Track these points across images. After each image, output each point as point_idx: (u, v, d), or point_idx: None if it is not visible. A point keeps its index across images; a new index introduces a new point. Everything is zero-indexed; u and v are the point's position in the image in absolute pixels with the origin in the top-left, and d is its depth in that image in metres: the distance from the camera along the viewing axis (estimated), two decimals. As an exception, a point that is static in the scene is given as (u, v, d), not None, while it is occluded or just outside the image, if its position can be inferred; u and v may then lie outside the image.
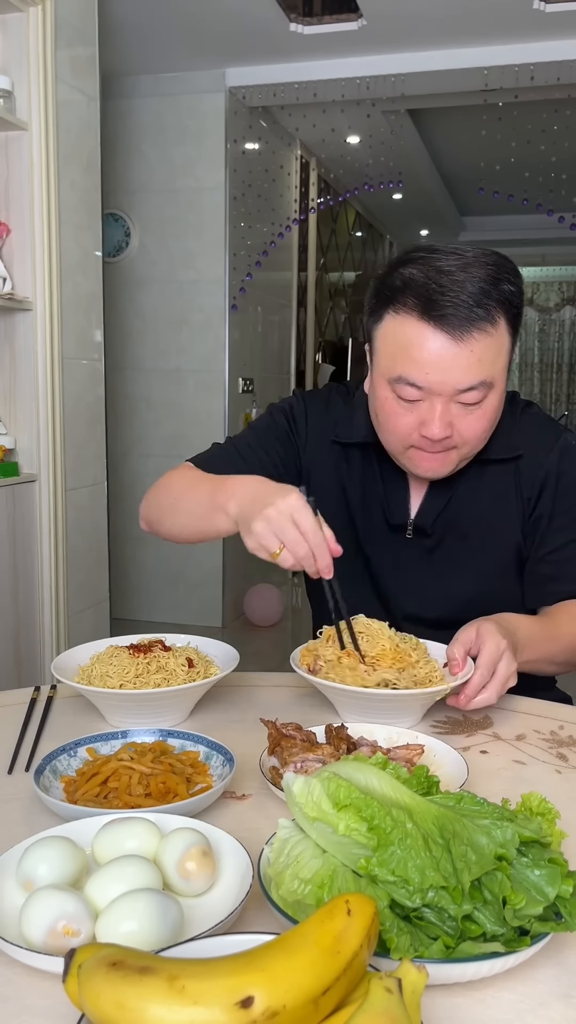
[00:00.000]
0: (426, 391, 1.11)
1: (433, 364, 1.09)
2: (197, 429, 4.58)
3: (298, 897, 0.61)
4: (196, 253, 4.52)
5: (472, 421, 1.14)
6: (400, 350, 1.12)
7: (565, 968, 0.63)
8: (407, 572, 1.30)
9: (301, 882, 0.62)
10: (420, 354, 1.10)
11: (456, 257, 1.10)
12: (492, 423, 1.18)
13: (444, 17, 3.73)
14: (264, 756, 0.92)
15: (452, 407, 1.13)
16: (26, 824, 0.83)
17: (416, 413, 1.14)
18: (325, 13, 3.86)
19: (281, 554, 1.02)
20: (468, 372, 1.09)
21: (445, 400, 1.12)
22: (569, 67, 4.00)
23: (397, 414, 1.16)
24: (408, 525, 1.29)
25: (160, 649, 1.09)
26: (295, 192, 5.47)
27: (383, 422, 1.19)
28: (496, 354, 1.11)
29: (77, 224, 2.85)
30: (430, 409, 1.12)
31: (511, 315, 1.12)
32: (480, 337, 1.08)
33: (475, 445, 1.19)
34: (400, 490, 1.29)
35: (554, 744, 1.04)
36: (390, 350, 1.14)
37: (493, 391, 1.13)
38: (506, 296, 1.10)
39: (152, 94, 4.46)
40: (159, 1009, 0.46)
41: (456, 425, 1.14)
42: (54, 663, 1.08)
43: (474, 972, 0.59)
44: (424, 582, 1.29)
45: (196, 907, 0.68)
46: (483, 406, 1.14)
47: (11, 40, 2.59)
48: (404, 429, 1.16)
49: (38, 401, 2.71)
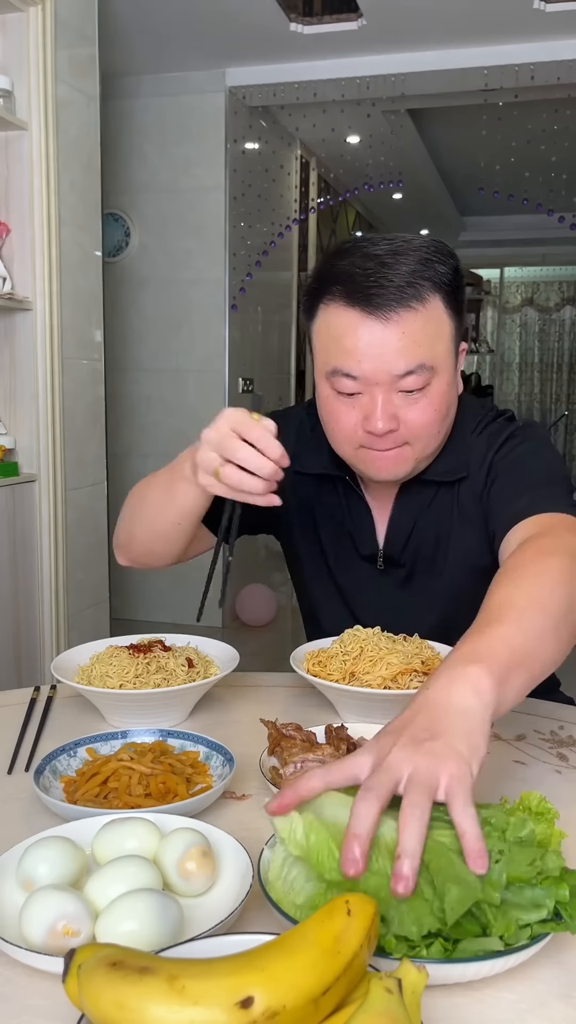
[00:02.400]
0: (362, 381, 1.06)
1: (365, 351, 1.04)
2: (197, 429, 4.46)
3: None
4: (196, 253, 4.52)
5: (418, 411, 1.07)
6: (332, 341, 1.07)
7: (565, 968, 0.63)
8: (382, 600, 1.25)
9: (296, 908, 0.62)
10: (351, 342, 1.04)
11: (386, 243, 1.05)
12: (442, 414, 1.10)
13: (444, 17, 3.74)
14: (264, 756, 0.92)
15: (394, 397, 1.06)
16: (26, 824, 0.83)
17: (358, 408, 1.08)
18: (325, 13, 3.86)
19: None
20: (402, 356, 1.04)
21: (384, 389, 1.06)
22: (569, 67, 4.00)
23: (339, 411, 1.10)
24: (378, 555, 1.24)
25: (160, 649, 1.09)
26: (295, 192, 5.47)
27: (327, 423, 1.14)
28: (434, 336, 1.05)
29: (77, 224, 2.85)
30: (371, 401, 1.06)
31: (447, 295, 1.06)
32: (411, 317, 1.03)
33: (427, 439, 1.11)
34: (365, 520, 1.24)
35: (554, 744, 1.04)
36: (323, 344, 1.09)
37: (437, 377, 1.07)
38: (439, 275, 1.05)
39: (152, 94, 4.46)
40: (159, 1009, 0.46)
41: (401, 417, 1.07)
42: (54, 663, 1.08)
43: (474, 972, 0.59)
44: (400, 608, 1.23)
45: (196, 907, 0.68)
46: (428, 394, 1.07)
47: (11, 40, 2.59)
48: (348, 428, 1.10)
49: (38, 401, 2.71)
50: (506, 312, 10.00)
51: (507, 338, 10.08)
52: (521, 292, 9.99)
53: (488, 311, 9.98)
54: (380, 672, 1.03)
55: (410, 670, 1.03)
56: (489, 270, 9.64)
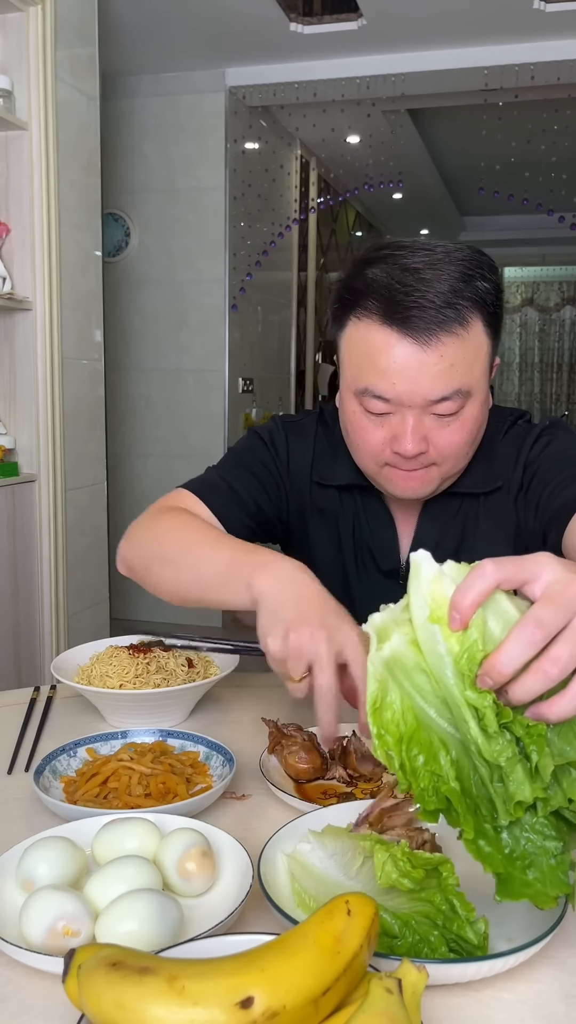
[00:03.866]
0: (394, 403, 1.00)
1: (399, 373, 0.98)
2: (197, 429, 4.58)
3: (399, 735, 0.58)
4: (196, 253, 4.52)
5: (449, 434, 1.03)
6: (364, 359, 1.01)
7: (565, 968, 0.63)
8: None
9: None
10: (385, 363, 0.99)
11: (425, 253, 0.99)
12: (473, 435, 1.06)
13: (444, 17, 3.74)
14: (264, 756, 0.92)
15: (425, 419, 1.01)
16: (26, 824, 0.83)
17: (387, 427, 1.03)
18: (325, 13, 3.86)
19: (301, 683, 0.85)
20: (439, 381, 0.98)
21: (417, 412, 1.00)
22: (569, 67, 4.00)
23: (366, 429, 1.04)
24: (400, 570, 1.18)
25: (160, 649, 1.09)
26: (295, 192, 5.47)
27: (353, 438, 1.08)
28: (472, 360, 1.01)
29: (77, 224, 2.85)
30: (401, 423, 1.01)
31: (488, 315, 1.02)
32: (450, 341, 0.97)
33: (456, 461, 1.07)
34: (388, 533, 1.19)
35: (554, 744, 1.03)
36: (354, 360, 1.03)
37: (472, 400, 1.02)
38: (480, 294, 1.00)
39: (152, 94, 4.46)
40: (159, 1009, 0.46)
41: (432, 439, 1.02)
42: (54, 663, 1.08)
43: (474, 972, 0.59)
44: None
45: (196, 907, 0.68)
46: (460, 417, 1.02)
47: (11, 40, 2.59)
48: (375, 446, 1.05)
49: (38, 401, 2.71)
50: (506, 312, 9.89)
51: (507, 338, 10.07)
52: (521, 292, 9.99)
53: (488, 311, 9.97)
54: None
55: None
56: (489, 270, 9.63)
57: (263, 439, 1.24)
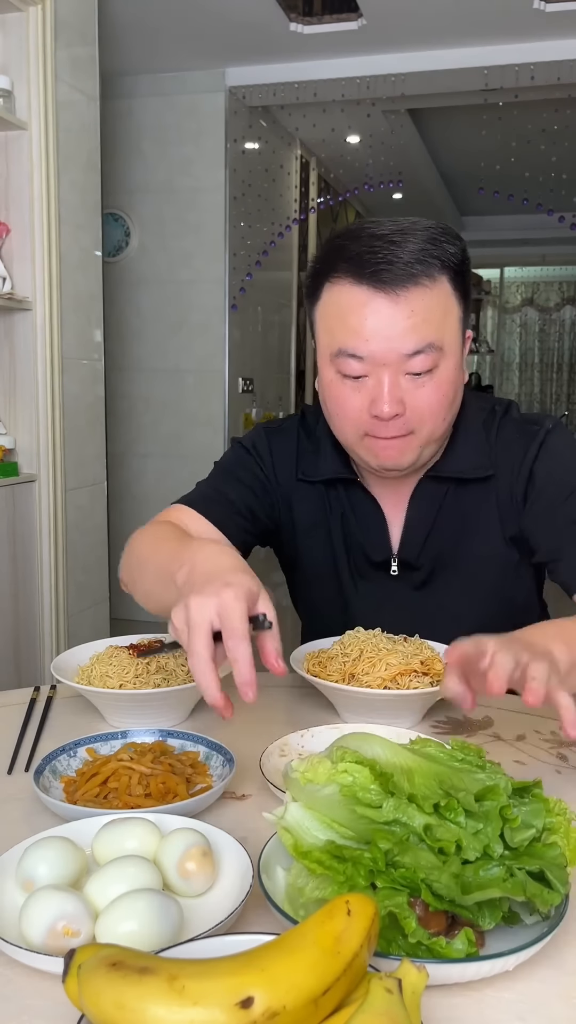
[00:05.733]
0: (369, 361, 1.03)
1: (373, 329, 1.01)
2: (197, 429, 4.58)
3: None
4: (196, 253, 4.52)
5: (425, 395, 1.05)
6: (337, 321, 1.04)
7: (565, 968, 0.63)
8: (395, 611, 1.18)
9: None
10: (357, 320, 1.02)
11: (392, 224, 1.03)
12: (449, 399, 1.07)
13: (444, 17, 3.74)
14: (264, 756, 0.92)
15: (401, 380, 1.03)
16: (26, 824, 0.83)
17: (364, 392, 1.05)
18: (325, 13, 3.86)
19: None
20: (411, 334, 1.01)
21: (392, 371, 1.03)
22: (569, 67, 4.00)
23: (344, 396, 1.07)
24: (392, 560, 1.20)
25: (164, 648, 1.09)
26: (295, 192, 5.47)
27: (331, 409, 1.10)
28: (442, 316, 1.03)
29: (77, 224, 2.85)
30: (377, 384, 1.03)
31: (455, 275, 1.05)
32: (420, 294, 1.01)
33: (433, 425, 1.08)
34: (377, 524, 1.20)
35: (554, 744, 1.03)
36: (328, 324, 1.06)
37: (445, 359, 1.04)
38: (447, 255, 1.03)
39: (152, 94, 4.46)
40: (159, 1009, 0.46)
41: (408, 401, 1.04)
42: (54, 663, 1.08)
43: (474, 972, 0.59)
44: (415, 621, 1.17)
45: (196, 907, 0.68)
46: (435, 377, 1.04)
47: (11, 40, 2.59)
48: (353, 412, 1.07)
49: (38, 401, 2.71)
50: (506, 312, 10.00)
51: (507, 338, 10.08)
52: (521, 292, 9.99)
53: (488, 311, 9.98)
54: (380, 673, 1.03)
55: (409, 670, 1.03)
56: (489, 270, 9.64)
57: (246, 448, 1.27)
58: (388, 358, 1.02)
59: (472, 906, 0.59)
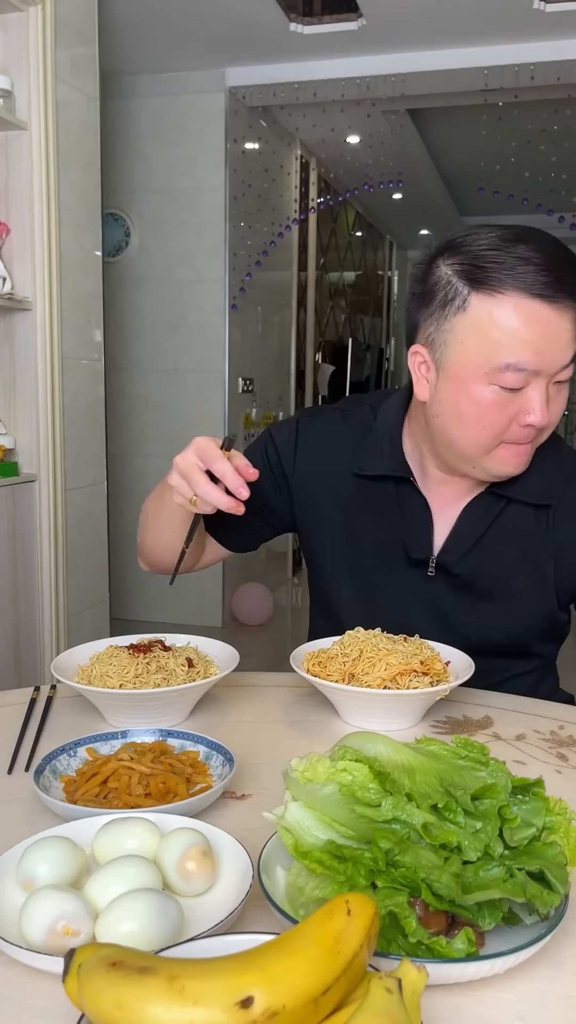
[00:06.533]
0: (530, 373, 1.03)
1: (543, 342, 1.01)
2: (197, 429, 4.58)
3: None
4: (196, 253, 4.52)
5: (558, 404, 1.07)
6: (504, 333, 1.01)
7: (565, 968, 0.63)
8: (424, 606, 1.21)
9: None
10: (528, 333, 1.01)
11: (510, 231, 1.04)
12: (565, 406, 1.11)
13: (444, 17, 3.74)
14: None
15: (549, 389, 1.05)
16: (26, 824, 0.83)
17: (516, 403, 1.05)
18: (325, 13, 3.86)
19: (197, 502, 1.04)
20: (571, 346, 1.03)
21: (548, 381, 1.04)
22: (569, 67, 4.00)
23: (498, 408, 1.05)
24: (431, 561, 1.20)
25: (160, 649, 1.09)
26: (295, 192, 5.47)
27: (473, 423, 1.07)
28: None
29: (77, 224, 2.85)
30: (537, 395, 1.04)
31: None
32: (572, 306, 1.02)
33: (548, 432, 1.11)
34: (424, 524, 1.20)
35: (554, 744, 1.03)
36: (490, 337, 1.02)
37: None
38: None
39: (152, 94, 4.46)
40: (159, 1009, 0.46)
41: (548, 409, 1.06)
42: (54, 663, 1.08)
43: (474, 972, 0.59)
44: (441, 620, 1.20)
45: (196, 907, 0.68)
46: (564, 387, 1.07)
47: (11, 40, 2.59)
48: (501, 424, 1.06)
49: (38, 401, 2.71)
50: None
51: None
52: (521, 292, 9.97)
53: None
54: (379, 673, 1.03)
55: (409, 670, 1.03)
56: (489, 270, 9.62)
57: (272, 437, 1.31)
58: (552, 369, 1.04)
59: (472, 906, 0.59)
